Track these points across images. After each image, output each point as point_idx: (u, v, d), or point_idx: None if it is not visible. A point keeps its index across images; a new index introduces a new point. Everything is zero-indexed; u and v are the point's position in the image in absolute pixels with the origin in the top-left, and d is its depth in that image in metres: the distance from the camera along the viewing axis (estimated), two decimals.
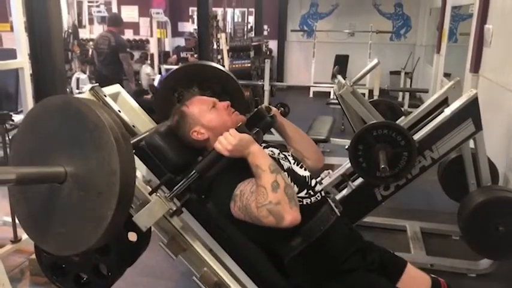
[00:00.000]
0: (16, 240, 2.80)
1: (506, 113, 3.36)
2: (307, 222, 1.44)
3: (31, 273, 2.64)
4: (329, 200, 1.57)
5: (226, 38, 6.58)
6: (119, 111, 1.71)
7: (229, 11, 8.70)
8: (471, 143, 2.65)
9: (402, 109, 4.08)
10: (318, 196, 1.54)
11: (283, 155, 1.60)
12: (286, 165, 1.54)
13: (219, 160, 1.42)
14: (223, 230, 1.54)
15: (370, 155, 2.48)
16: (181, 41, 10.30)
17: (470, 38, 4.61)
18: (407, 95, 6.60)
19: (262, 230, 1.36)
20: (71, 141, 1.08)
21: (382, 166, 2.37)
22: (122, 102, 1.87)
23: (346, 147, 2.59)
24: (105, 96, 1.70)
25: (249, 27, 9.41)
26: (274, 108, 1.66)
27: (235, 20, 9.49)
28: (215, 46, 6.44)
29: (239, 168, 1.41)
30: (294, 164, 1.58)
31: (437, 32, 7.27)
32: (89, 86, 1.72)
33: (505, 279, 2.76)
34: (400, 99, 7.39)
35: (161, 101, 1.91)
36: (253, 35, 8.79)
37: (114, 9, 10.41)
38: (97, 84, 1.72)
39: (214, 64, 2.01)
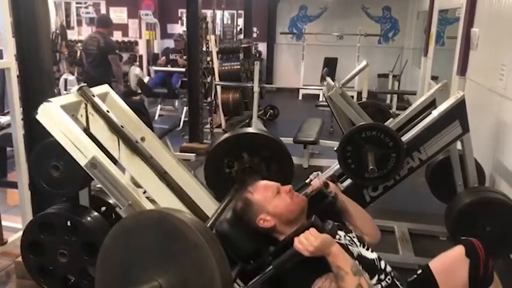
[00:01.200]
0: (2, 242, 2.76)
1: (492, 115, 3.40)
2: None
3: (17, 276, 2.60)
4: (396, 281, 1.58)
5: (215, 40, 6.57)
6: (108, 111, 1.70)
7: (219, 13, 8.70)
8: (458, 145, 2.68)
9: (390, 111, 4.12)
10: (389, 279, 1.55)
11: (349, 237, 1.60)
12: (355, 251, 1.54)
13: (297, 257, 1.40)
14: None
15: (358, 156, 2.50)
16: (170, 43, 10.28)
17: (457, 41, 4.67)
18: (395, 97, 6.66)
19: None
20: (165, 257, 1.07)
21: (371, 167, 2.39)
22: (111, 103, 1.86)
23: (335, 148, 2.60)
24: (94, 96, 1.69)
25: (238, 29, 9.42)
26: (332, 184, 1.69)
27: (225, 22, 9.49)
28: (204, 48, 6.43)
29: (315, 262, 1.39)
30: (360, 246, 1.59)
31: (424, 35, 7.35)
32: (77, 86, 1.71)
33: None
34: (388, 101, 7.46)
35: (211, 168, 2.01)
36: (242, 37, 8.79)
37: (103, 11, 10.33)
38: (85, 84, 1.70)
39: (263, 132, 2.14)
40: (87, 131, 1.65)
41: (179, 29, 10.54)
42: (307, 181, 1.80)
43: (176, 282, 1.04)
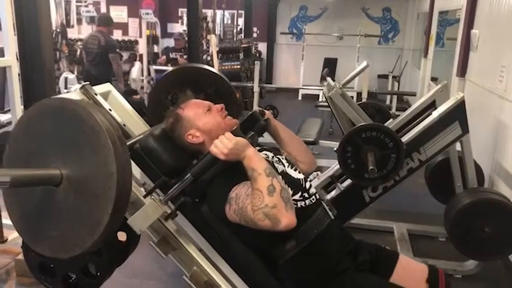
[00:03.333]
0: (2, 240, 2.77)
1: (492, 117, 3.42)
2: (301, 225, 1.45)
3: (17, 273, 2.61)
4: (323, 203, 1.58)
5: (218, 40, 6.58)
6: (110, 110, 1.71)
7: (219, 12, 8.71)
8: (458, 146, 2.69)
9: (390, 112, 4.12)
10: (313, 199, 1.55)
11: (277, 158, 1.60)
12: (280, 168, 1.54)
13: (214, 163, 1.43)
14: (216, 232, 1.54)
15: (358, 157, 2.50)
16: (170, 42, 10.27)
17: (457, 42, 4.68)
18: (395, 98, 6.66)
19: (256, 233, 1.36)
20: (67, 144, 1.07)
21: (371, 168, 2.39)
22: (113, 102, 1.86)
23: (335, 149, 2.61)
24: (96, 94, 1.69)
25: (238, 29, 9.42)
26: (267, 112, 1.67)
27: (225, 22, 9.50)
28: (205, 47, 6.44)
29: (234, 171, 1.41)
30: (288, 166, 1.59)
31: (424, 37, 7.36)
32: (78, 85, 1.71)
33: (491, 280, 2.80)
34: (387, 102, 7.47)
35: (154, 104, 1.90)
36: (242, 37, 8.80)
37: (103, 10, 10.34)
38: (87, 82, 1.71)
39: (207, 67, 2.01)
40: None
41: (179, 28, 10.55)
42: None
43: (76, 169, 1.04)
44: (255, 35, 10.08)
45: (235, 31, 9.08)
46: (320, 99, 7.13)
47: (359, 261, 1.58)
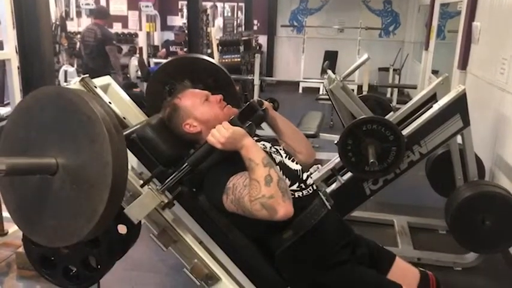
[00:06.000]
0: (2, 233, 2.77)
1: (493, 109, 3.41)
2: (299, 215, 1.45)
3: (18, 266, 2.62)
4: (320, 194, 1.58)
5: (216, 33, 6.56)
6: (110, 102, 1.70)
7: (219, 5, 8.67)
8: (459, 139, 2.68)
9: (391, 105, 4.11)
10: (310, 189, 1.55)
11: (275, 148, 1.60)
12: (278, 158, 1.54)
13: (212, 153, 1.42)
14: (214, 222, 1.54)
15: (359, 150, 2.50)
16: (170, 35, 10.24)
17: (459, 35, 4.65)
18: (395, 91, 6.65)
19: (254, 222, 1.36)
20: (62, 133, 1.07)
21: (371, 160, 2.39)
22: (112, 94, 1.85)
23: (336, 141, 2.60)
24: (95, 87, 1.69)
25: (238, 22, 9.39)
26: (266, 102, 1.66)
27: (225, 14, 9.46)
28: (205, 40, 6.41)
29: (231, 161, 1.41)
30: (285, 157, 1.59)
31: (425, 29, 7.33)
32: (78, 78, 1.70)
33: (491, 273, 2.80)
34: (388, 95, 7.45)
35: (152, 94, 1.89)
36: (243, 29, 8.77)
37: (103, 2, 10.29)
38: (87, 75, 1.70)
39: (205, 57, 2.00)
40: None
41: (179, 21, 10.50)
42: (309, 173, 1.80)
43: (72, 158, 1.04)
44: (255, 27, 10.03)
45: (235, 24, 9.05)
46: (321, 92, 7.12)
47: (358, 254, 1.59)
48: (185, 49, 7.01)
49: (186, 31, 5.87)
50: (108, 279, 1.68)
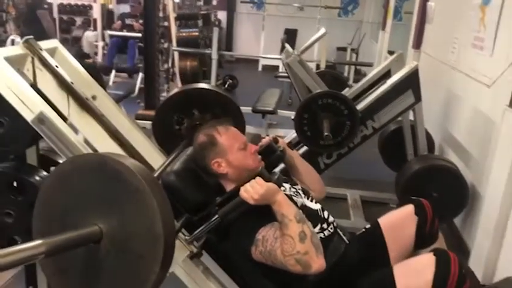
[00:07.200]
0: None
1: (444, 87, 3.51)
2: None
3: None
4: (339, 231, 1.62)
5: (173, 6, 6.38)
6: (57, 66, 1.62)
7: None
8: (410, 115, 2.76)
9: (348, 82, 4.18)
10: (331, 228, 1.58)
11: (294, 188, 1.62)
12: (299, 201, 1.56)
13: (242, 206, 1.41)
14: (239, 269, 1.56)
15: (314, 124, 2.53)
16: (126, 8, 9.89)
17: (414, 14, 4.75)
18: (352, 70, 6.74)
19: (279, 270, 1.37)
20: (105, 201, 1.03)
21: (326, 134, 2.43)
22: (60, 58, 1.77)
23: (293, 117, 2.62)
24: (41, 50, 1.60)
25: None
26: (281, 140, 1.70)
27: None
28: (161, 14, 6.23)
29: (259, 212, 1.40)
30: (305, 197, 1.61)
31: (383, 10, 7.43)
32: (21, 40, 1.61)
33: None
34: (345, 74, 7.55)
35: (160, 123, 1.98)
36: (202, 3, 8.58)
37: None
38: (31, 36, 1.60)
39: (213, 87, 2.10)
40: (34, 86, 1.56)
41: None
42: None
43: (117, 226, 1.02)
44: (214, 2, 9.84)
45: None
46: (280, 70, 7.12)
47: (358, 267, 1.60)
48: (141, 21, 6.79)
49: (142, 3, 5.68)
50: None
